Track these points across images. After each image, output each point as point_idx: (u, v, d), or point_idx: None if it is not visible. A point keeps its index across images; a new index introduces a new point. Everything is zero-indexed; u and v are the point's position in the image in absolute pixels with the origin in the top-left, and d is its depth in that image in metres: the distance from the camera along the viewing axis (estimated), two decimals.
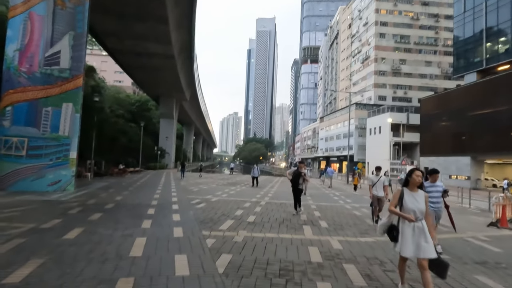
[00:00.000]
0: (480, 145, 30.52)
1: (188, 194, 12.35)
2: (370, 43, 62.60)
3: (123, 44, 27.74)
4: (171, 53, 29.55)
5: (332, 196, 14.96)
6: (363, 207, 11.19)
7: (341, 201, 12.78)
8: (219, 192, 13.47)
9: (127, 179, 18.90)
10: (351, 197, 14.91)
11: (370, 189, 8.01)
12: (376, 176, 8.04)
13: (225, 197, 12.00)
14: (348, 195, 15.88)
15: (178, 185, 16.66)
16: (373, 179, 8.04)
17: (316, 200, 12.21)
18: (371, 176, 8.30)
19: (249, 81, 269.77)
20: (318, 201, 12.12)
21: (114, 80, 76.63)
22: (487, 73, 31.51)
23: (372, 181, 8.03)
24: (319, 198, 13.17)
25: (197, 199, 10.83)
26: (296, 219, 7.77)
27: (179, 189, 14.00)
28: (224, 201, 10.68)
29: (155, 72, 35.94)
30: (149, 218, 6.92)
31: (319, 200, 12.55)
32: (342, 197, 14.71)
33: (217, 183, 19.77)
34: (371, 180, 8.10)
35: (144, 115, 48.59)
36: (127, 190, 12.50)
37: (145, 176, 23.20)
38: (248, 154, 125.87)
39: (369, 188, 8.07)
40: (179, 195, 11.72)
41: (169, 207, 8.56)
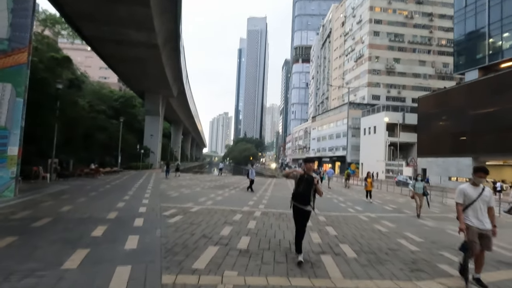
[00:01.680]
0: (482, 146, 29.07)
1: (164, 201, 9.93)
2: (364, 41, 61.22)
3: (100, 30, 24.96)
4: (155, 42, 26.91)
5: (337, 202, 12.77)
6: (382, 218, 9.02)
7: (351, 210, 10.60)
8: (203, 199, 11.08)
9: (97, 180, 16.28)
10: (359, 203, 12.76)
11: (460, 215, 3.88)
12: (474, 188, 3.93)
13: (210, 205, 9.64)
14: (354, 200, 13.74)
15: (157, 188, 14.17)
16: (469, 192, 3.91)
17: (322, 209, 9.99)
18: (464, 188, 3.99)
19: (240, 80, 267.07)
20: (325, 210, 9.89)
21: (99, 76, 73.46)
22: (490, 70, 30.12)
23: (465, 196, 3.92)
24: (324, 206, 10.96)
25: (173, 208, 8.42)
26: (307, 242, 5.49)
27: (154, 194, 11.55)
28: (208, 211, 8.32)
29: (138, 64, 33.16)
30: (89, 245, 4.53)
31: (326, 209, 10.32)
32: (349, 203, 12.54)
33: (203, 186, 17.35)
34: (464, 193, 3.94)
35: (129, 112, 45.70)
36: (86, 196, 9.98)
37: (122, 177, 20.55)
38: (238, 154, 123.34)
39: (459, 211, 3.92)
40: (152, 202, 9.29)
41: (129, 224, 6.15)
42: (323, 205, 11.36)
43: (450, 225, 8.57)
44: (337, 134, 61.69)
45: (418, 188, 9.99)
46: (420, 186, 10.01)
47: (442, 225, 8.52)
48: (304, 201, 4.84)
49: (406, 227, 7.79)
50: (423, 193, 10.01)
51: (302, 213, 4.72)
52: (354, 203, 12.95)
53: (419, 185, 10.03)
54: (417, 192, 9.96)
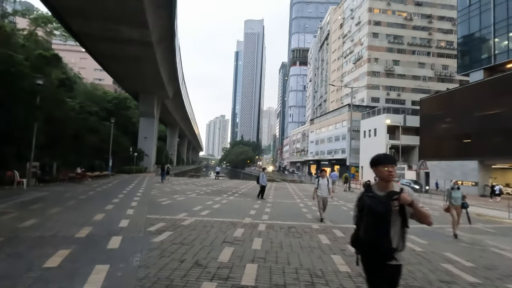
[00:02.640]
0: (489, 148, 28.06)
1: (153, 210, 8.58)
2: (362, 43, 60.45)
3: (90, 26, 23.62)
4: (149, 39, 25.62)
5: (347, 210, 11.48)
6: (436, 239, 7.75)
7: None
8: (197, 207, 9.74)
9: (83, 186, 14.86)
10: None
11: None
12: None
13: (205, 215, 8.31)
14: None
15: (147, 194, 12.81)
16: None
17: (334, 220, 8.72)
18: None
19: (237, 83, 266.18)
20: (338, 221, 8.61)
21: (94, 78, 72.15)
22: (496, 71, 29.22)
23: None
24: (335, 215, 9.66)
25: (161, 221, 7.09)
26: (333, 271, 4.19)
27: (143, 202, 10.20)
28: (203, 224, 6.99)
29: (132, 64, 31.81)
30: (30, 287, 3.19)
31: (338, 219, 9.05)
32: None
33: (199, 191, 16.00)
34: None
35: (123, 114, 44.28)
36: (62, 206, 8.60)
37: (112, 182, 19.12)
38: (235, 157, 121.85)
39: None
40: (138, 213, 7.94)
41: (102, 245, 4.82)
42: (333, 214, 10.07)
43: (488, 239, 7.34)
44: (336, 136, 60.65)
45: (455, 198, 7.84)
46: (458, 196, 7.86)
47: (479, 240, 7.28)
48: (384, 249, 2.15)
49: (441, 244, 6.53)
50: (462, 206, 7.85)
51: (386, 271, 2.16)
52: None
53: (457, 194, 7.87)
54: (455, 204, 7.81)
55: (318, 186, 8.57)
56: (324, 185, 8.50)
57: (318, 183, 8.58)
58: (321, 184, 8.52)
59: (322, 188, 8.47)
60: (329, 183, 8.58)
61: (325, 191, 8.47)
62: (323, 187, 8.48)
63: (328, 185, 8.54)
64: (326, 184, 8.54)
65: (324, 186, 8.49)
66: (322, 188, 8.47)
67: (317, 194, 8.58)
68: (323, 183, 8.54)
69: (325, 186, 8.49)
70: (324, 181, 8.57)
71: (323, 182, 8.55)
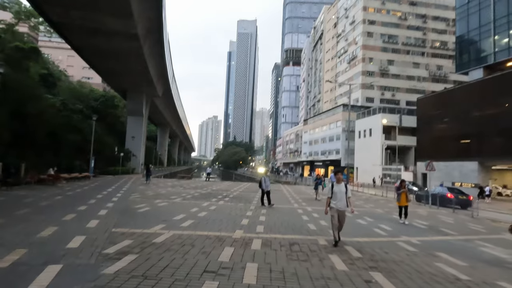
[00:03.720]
0: (489, 149, 27.17)
1: (122, 222, 7.02)
2: (357, 42, 59.64)
3: (69, 15, 21.81)
4: (134, 31, 23.94)
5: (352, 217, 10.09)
6: (431, 246, 6.38)
7: (378, 230, 7.93)
8: (179, 216, 8.21)
9: (53, 189, 13.16)
10: (379, 218, 10.13)
11: None
12: None
13: (187, 227, 6.80)
14: (369, 213, 11.14)
15: (125, 198, 11.22)
16: None
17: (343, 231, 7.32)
18: None
19: (229, 84, 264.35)
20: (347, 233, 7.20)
21: (83, 76, 69.73)
22: (495, 69, 28.39)
23: None
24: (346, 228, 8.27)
25: (128, 237, 5.55)
26: None
27: (115, 209, 8.63)
28: (180, 242, 5.48)
29: (118, 59, 30.06)
30: None
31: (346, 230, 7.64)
32: (368, 218, 9.89)
33: (185, 194, 14.45)
34: None
35: (110, 113, 42.35)
36: (10, 215, 6.97)
37: (90, 184, 17.39)
38: (228, 158, 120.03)
39: None
40: (101, 226, 6.38)
41: (23, 282, 3.28)
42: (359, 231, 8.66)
43: None
44: (330, 137, 59.61)
45: None
46: None
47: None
48: None
49: (483, 266, 5.16)
50: None
51: None
52: (373, 217, 10.33)
53: None
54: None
55: (332, 195, 6.14)
56: (341, 194, 6.11)
57: (332, 191, 6.14)
58: (337, 192, 6.12)
59: (338, 197, 6.09)
60: (347, 191, 6.19)
61: (342, 202, 6.08)
62: (340, 196, 6.11)
63: (346, 193, 6.17)
64: (344, 191, 6.15)
65: (341, 195, 6.10)
66: (338, 198, 6.08)
67: (330, 207, 6.13)
68: (339, 190, 6.13)
69: (342, 195, 6.10)
70: (341, 187, 6.17)
71: (339, 189, 6.15)
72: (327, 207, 6.22)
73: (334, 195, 6.12)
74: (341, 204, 6.08)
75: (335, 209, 6.06)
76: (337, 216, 6.05)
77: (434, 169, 16.28)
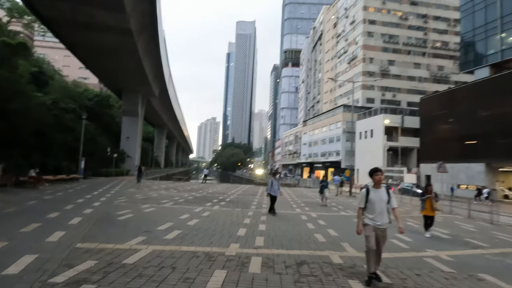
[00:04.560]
0: (496, 150, 26.16)
1: (94, 233, 5.86)
2: (357, 42, 58.74)
3: (58, 8, 20.69)
4: (127, 26, 22.81)
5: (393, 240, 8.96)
6: (468, 263, 5.25)
7: (398, 241, 6.79)
8: (165, 225, 7.05)
9: (30, 193, 11.97)
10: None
11: None
12: None
13: (171, 241, 5.65)
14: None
15: (109, 203, 10.06)
16: None
17: (352, 240, 6.19)
18: None
19: (228, 85, 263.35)
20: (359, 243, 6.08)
21: (79, 76, 68.65)
22: (502, 67, 27.43)
23: None
24: (348, 231, 7.13)
25: (93, 255, 4.40)
26: None
27: (90, 218, 7.46)
28: (158, 263, 4.33)
29: (111, 56, 28.91)
30: None
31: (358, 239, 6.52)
32: (403, 237, 8.75)
33: (178, 198, 13.28)
34: None
35: (105, 113, 41.19)
36: None
37: (77, 186, 16.19)
38: (226, 159, 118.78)
39: None
40: (64, 240, 5.22)
41: None
42: (346, 229, 7.52)
43: None
44: (330, 138, 58.57)
45: None
46: None
47: None
48: None
49: None
50: None
51: None
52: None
53: None
54: None
55: (367, 206, 4.14)
56: (381, 204, 4.11)
57: (367, 199, 4.12)
58: (375, 201, 4.10)
59: (376, 209, 4.09)
60: (391, 199, 4.17)
61: (383, 216, 4.10)
62: (380, 207, 4.09)
63: (390, 202, 4.16)
64: (386, 200, 4.14)
65: (381, 205, 4.10)
66: (377, 210, 4.09)
67: (364, 223, 4.13)
68: (378, 198, 4.11)
69: (382, 206, 4.11)
70: (381, 194, 4.13)
71: (378, 196, 4.12)
72: (359, 223, 4.15)
73: (371, 205, 4.08)
74: (382, 219, 4.06)
75: (371, 227, 4.02)
76: (374, 238, 4.00)
77: (446, 171, 15.22)
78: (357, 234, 4.19)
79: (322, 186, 14.09)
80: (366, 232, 4.06)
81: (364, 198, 4.15)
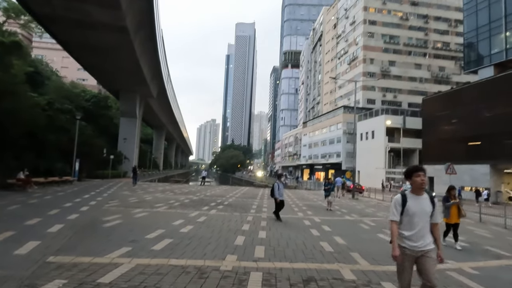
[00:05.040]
0: (501, 151, 25.54)
1: (72, 245, 5.18)
2: (358, 42, 58.28)
3: (51, 5, 20.06)
4: (123, 23, 22.19)
5: (369, 230, 8.27)
6: None
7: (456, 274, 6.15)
8: (155, 233, 6.37)
9: (16, 196, 11.30)
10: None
11: None
12: None
13: (159, 252, 4.98)
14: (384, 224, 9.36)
15: (96, 208, 9.38)
16: None
17: (364, 252, 5.54)
18: None
19: (228, 87, 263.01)
20: (376, 258, 5.42)
21: (77, 77, 68.17)
22: (507, 67, 26.88)
23: None
24: (355, 238, 6.46)
25: (62, 274, 3.72)
26: None
27: (73, 225, 6.79)
28: (140, 279, 3.65)
29: (107, 55, 28.29)
30: None
31: (371, 252, 5.86)
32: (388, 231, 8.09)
33: (174, 201, 12.61)
34: None
35: (103, 114, 40.53)
36: None
37: (68, 189, 15.51)
38: (226, 161, 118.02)
39: None
40: (32, 255, 4.54)
41: None
42: (353, 236, 6.85)
43: None
44: (331, 139, 57.99)
45: None
46: None
47: None
48: None
49: None
50: None
51: None
52: None
53: None
54: None
55: (402, 219, 2.87)
56: (422, 217, 2.84)
57: (404, 210, 2.84)
58: (415, 211, 2.83)
59: (416, 224, 2.83)
60: (434, 211, 2.91)
61: (424, 235, 2.84)
62: (421, 221, 2.84)
63: (433, 215, 2.90)
64: (429, 211, 2.86)
65: (423, 219, 2.84)
66: (418, 226, 2.83)
67: (402, 247, 2.84)
68: (419, 209, 2.84)
69: (425, 219, 2.85)
70: (422, 203, 2.85)
71: (419, 206, 2.84)
72: (396, 243, 2.82)
73: (408, 219, 2.83)
74: (424, 239, 2.81)
75: (408, 253, 2.81)
76: (411, 267, 2.84)
77: (455, 172, 14.59)
78: (394, 260, 2.85)
79: (328, 189, 12.83)
80: (398, 260, 2.81)
81: (399, 208, 2.84)
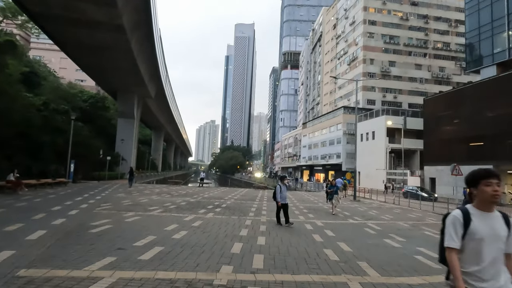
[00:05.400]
0: (504, 152, 25.11)
1: (50, 255, 4.71)
2: (357, 43, 57.91)
3: (46, 3, 19.61)
4: (119, 22, 21.74)
5: (377, 235, 7.80)
6: None
7: (431, 263, 5.67)
8: (145, 239, 5.89)
9: (4, 199, 10.82)
10: (412, 238, 7.85)
11: None
12: None
13: (146, 263, 4.49)
14: (393, 228, 8.87)
15: (86, 212, 8.90)
16: None
17: (375, 263, 5.08)
18: None
19: (227, 88, 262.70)
20: (389, 269, 4.95)
21: (76, 78, 67.67)
22: (510, 66, 26.50)
23: None
24: (364, 245, 6.00)
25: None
26: None
27: (57, 231, 6.30)
28: None
29: (104, 55, 27.84)
30: None
31: (384, 262, 5.39)
32: (400, 238, 7.61)
33: (169, 204, 12.12)
34: None
35: (100, 115, 40.05)
36: None
37: (61, 191, 15.01)
38: (225, 162, 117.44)
39: None
40: (4, 266, 4.08)
41: None
42: (358, 242, 6.38)
43: None
44: (331, 140, 57.51)
45: None
46: None
47: None
48: None
49: None
50: None
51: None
52: (402, 235, 8.06)
53: None
54: None
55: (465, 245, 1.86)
56: (495, 243, 1.83)
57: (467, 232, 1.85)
58: (483, 236, 1.82)
59: (485, 254, 1.82)
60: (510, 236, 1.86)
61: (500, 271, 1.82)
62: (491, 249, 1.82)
63: (508, 240, 1.85)
64: (505, 236, 1.85)
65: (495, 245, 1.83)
66: (486, 256, 1.82)
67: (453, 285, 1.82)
68: (489, 232, 1.84)
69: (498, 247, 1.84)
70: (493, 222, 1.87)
71: (488, 228, 1.85)
72: (460, 280, 1.76)
73: (474, 245, 1.84)
74: (495, 279, 1.79)
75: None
76: None
77: (461, 173, 14.14)
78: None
79: (332, 191, 12.13)
80: None
81: (460, 230, 1.86)
